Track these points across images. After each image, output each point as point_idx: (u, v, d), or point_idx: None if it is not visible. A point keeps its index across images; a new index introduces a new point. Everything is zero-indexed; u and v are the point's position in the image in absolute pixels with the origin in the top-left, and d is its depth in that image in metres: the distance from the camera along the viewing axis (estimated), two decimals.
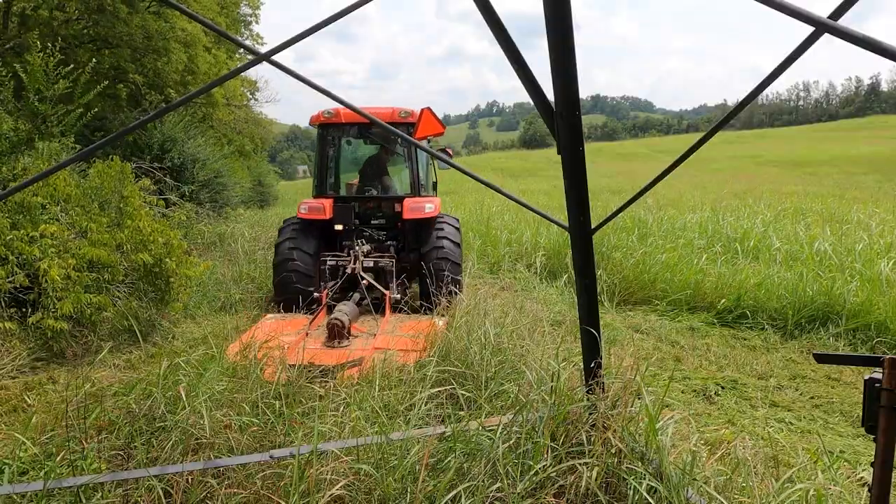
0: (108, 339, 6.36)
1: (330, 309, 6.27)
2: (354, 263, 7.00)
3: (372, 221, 7.95)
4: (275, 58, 2.22)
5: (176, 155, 13.91)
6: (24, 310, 5.80)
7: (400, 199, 7.73)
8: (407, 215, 7.41)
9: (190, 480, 3.04)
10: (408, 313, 6.74)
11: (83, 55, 13.79)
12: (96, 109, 9.23)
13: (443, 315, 5.93)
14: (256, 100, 28.51)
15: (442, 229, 7.41)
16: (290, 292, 7.04)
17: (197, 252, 9.82)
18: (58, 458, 3.21)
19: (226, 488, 2.95)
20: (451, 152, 9.01)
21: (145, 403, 3.61)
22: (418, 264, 7.40)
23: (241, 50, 22.54)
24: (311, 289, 7.08)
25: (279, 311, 6.88)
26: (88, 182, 7.20)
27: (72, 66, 8.75)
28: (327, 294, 6.74)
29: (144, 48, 14.74)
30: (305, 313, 6.54)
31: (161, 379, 3.73)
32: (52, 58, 8.20)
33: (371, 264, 7.17)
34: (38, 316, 5.61)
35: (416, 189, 7.89)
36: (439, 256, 7.14)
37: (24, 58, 9.23)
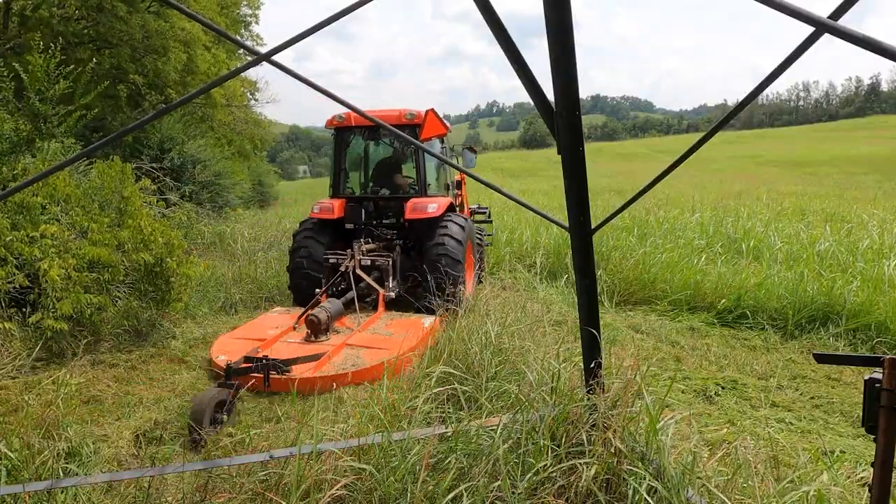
0: (109, 340, 6.37)
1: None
2: (350, 261, 7.18)
3: (383, 221, 8.13)
4: (275, 58, 2.22)
5: (176, 155, 13.91)
6: (23, 310, 5.79)
7: (407, 199, 7.81)
8: (409, 215, 7.50)
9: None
10: (405, 312, 6.89)
11: (83, 53, 13.79)
12: (96, 110, 9.24)
13: (437, 314, 6.10)
14: (256, 100, 28.52)
15: (446, 227, 7.43)
16: (300, 290, 7.44)
17: (197, 252, 9.82)
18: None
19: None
20: (475, 150, 9.24)
21: None
22: (420, 261, 7.58)
23: (241, 50, 22.53)
24: (321, 278, 7.35)
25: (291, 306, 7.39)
26: (89, 182, 7.20)
27: (72, 66, 8.75)
28: (325, 291, 6.92)
29: (144, 48, 14.75)
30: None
31: None
32: (53, 58, 8.20)
33: (369, 262, 7.30)
34: (37, 316, 5.60)
35: (422, 189, 8.00)
36: (439, 251, 7.22)
37: (25, 58, 9.23)
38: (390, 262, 7.32)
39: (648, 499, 2.60)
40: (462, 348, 4.75)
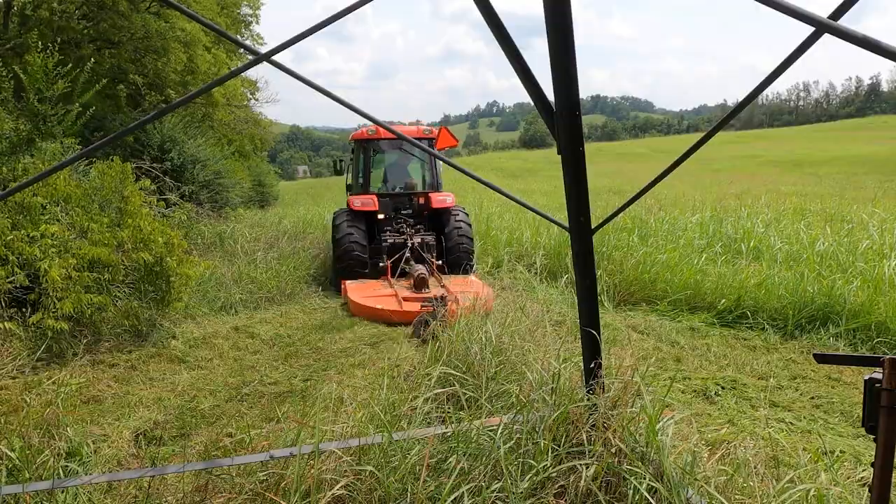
0: (109, 339, 6.37)
1: (401, 273, 9.12)
2: (413, 239, 9.53)
3: (402, 212, 10.23)
4: (275, 58, 2.22)
5: (176, 155, 13.90)
6: (24, 310, 5.80)
7: (425, 194, 10.28)
8: (435, 205, 9.98)
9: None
10: (445, 273, 9.42)
11: (84, 51, 13.78)
12: (94, 109, 9.28)
13: (471, 273, 9.25)
14: (256, 100, 28.49)
15: (457, 215, 9.92)
16: (351, 259, 9.19)
17: (197, 252, 9.82)
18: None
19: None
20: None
21: None
22: (438, 242, 9.84)
23: (241, 50, 22.52)
24: (366, 270, 9.26)
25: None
26: (89, 182, 7.20)
27: (70, 65, 8.75)
28: (393, 261, 9.28)
29: (144, 48, 14.74)
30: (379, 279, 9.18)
31: None
32: (51, 58, 8.20)
33: (419, 241, 9.59)
34: (38, 316, 5.60)
35: (436, 186, 10.53)
36: (460, 233, 9.70)
37: (25, 58, 9.23)
38: (433, 239, 9.71)
39: (649, 498, 2.60)
40: (462, 348, 4.76)
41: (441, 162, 10.65)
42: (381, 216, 9.88)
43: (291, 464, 2.97)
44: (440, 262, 9.49)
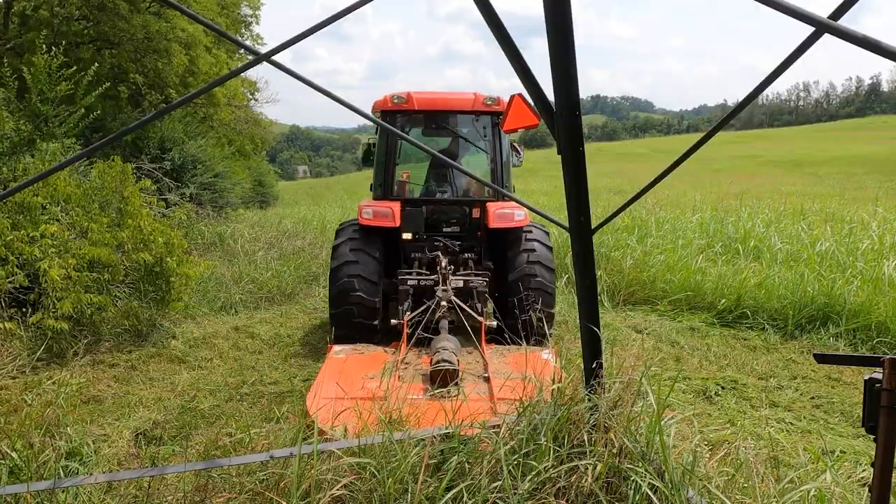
0: (109, 339, 6.37)
1: (418, 341, 5.17)
2: (444, 284, 5.63)
3: (444, 229, 6.61)
4: (274, 58, 2.22)
5: (176, 156, 13.91)
6: (24, 310, 5.80)
7: (480, 203, 6.51)
8: (494, 223, 6.18)
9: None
10: (500, 342, 5.51)
11: (84, 53, 13.79)
12: (98, 112, 9.25)
13: (546, 344, 5.08)
14: (256, 100, 28.52)
15: (534, 250, 6.15)
16: (349, 303, 5.85)
17: (197, 252, 9.83)
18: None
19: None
20: (519, 147, 7.54)
21: None
22: (499, 281, 6.35)
23: (242, 50, 22.54)
24: (376, 322, 5.92)
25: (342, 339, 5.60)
26: (89, 182, 7.20)
27: (74, 68, 8.75)
28: (412, 320, 5.39)
29: (145, 48, 14.75)
30: (383, 348, 5.35)
31: None
32: (55, 59, 8.20)
33: (461, 284, 5.79)
34: (38, 316, 5.61)
35: (500, 191, 6.21)
36: (531, 259, 6.07)
37: (27, 58, 9.23)
38: (485, 284, 5.89)
39: (652, 497, 2.60)
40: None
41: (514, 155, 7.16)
42: (406, 236, 6.44)
43: (291, 464, 2.97)
44: (495, 320, 5.72)
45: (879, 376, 1.75)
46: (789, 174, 38.49)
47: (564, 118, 2.37)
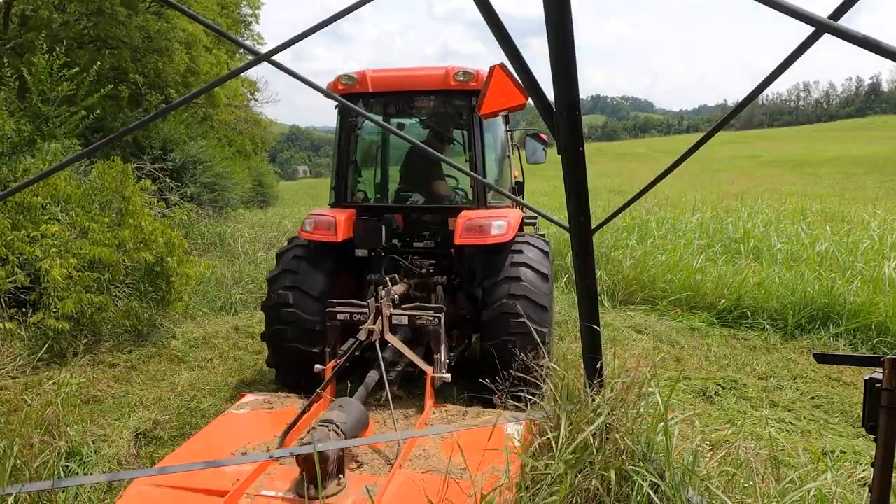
0: (109, 339, 6.38)
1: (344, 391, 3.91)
2: (374, 322, 4.12)
3: (415, 244, 5.31)
4: (274, 58, 2.22)
5: (177, 156, 13.92)
6: (24, 310, 5.81)
7: (455, 211, 4.98)
8: (461, 238, 4.65)
9: None
10: (464, 400, 4.45)
11: (84, 55, 13.79)
12: (98, 112, 9.24)
13: (517, 411, 3.38)
14: (256, 100, 28.52)
15: (520, 279, 4.49)
16: (281, 322, 4.66)
17: (197, 252, 9.83)
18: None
19: None
20: (545, 137, 6.05)
21: None
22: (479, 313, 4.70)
23: (242, 50, 22.55)
24: (316, 350, 4.58)
25: (263, 389, 4.87)
26: (89, 182, 7.21)
27: (76, 69, 8.75)
28: (337, 368, 4.00)
29: (145, 49, 14.75)
30: (303, 396, 4.14)
31: None
32: (57, 60, 8.21)
33: (405, 320, 4.28)
34: (39, 316, 5.62)
35: (479, 196, 5.10)
36: (511, 331, 4.29)
37: (28, 58, 9.23)
38: (439, 321, 4.23)
39: (654, 497, 2.60)
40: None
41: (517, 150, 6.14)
42: (360, 252, 5.10)
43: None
44: (447, 374, 4.21)
45: (879, 376, 1.75)
46: (789, 174, 38.49)
47: (564, 118, 2.37)
